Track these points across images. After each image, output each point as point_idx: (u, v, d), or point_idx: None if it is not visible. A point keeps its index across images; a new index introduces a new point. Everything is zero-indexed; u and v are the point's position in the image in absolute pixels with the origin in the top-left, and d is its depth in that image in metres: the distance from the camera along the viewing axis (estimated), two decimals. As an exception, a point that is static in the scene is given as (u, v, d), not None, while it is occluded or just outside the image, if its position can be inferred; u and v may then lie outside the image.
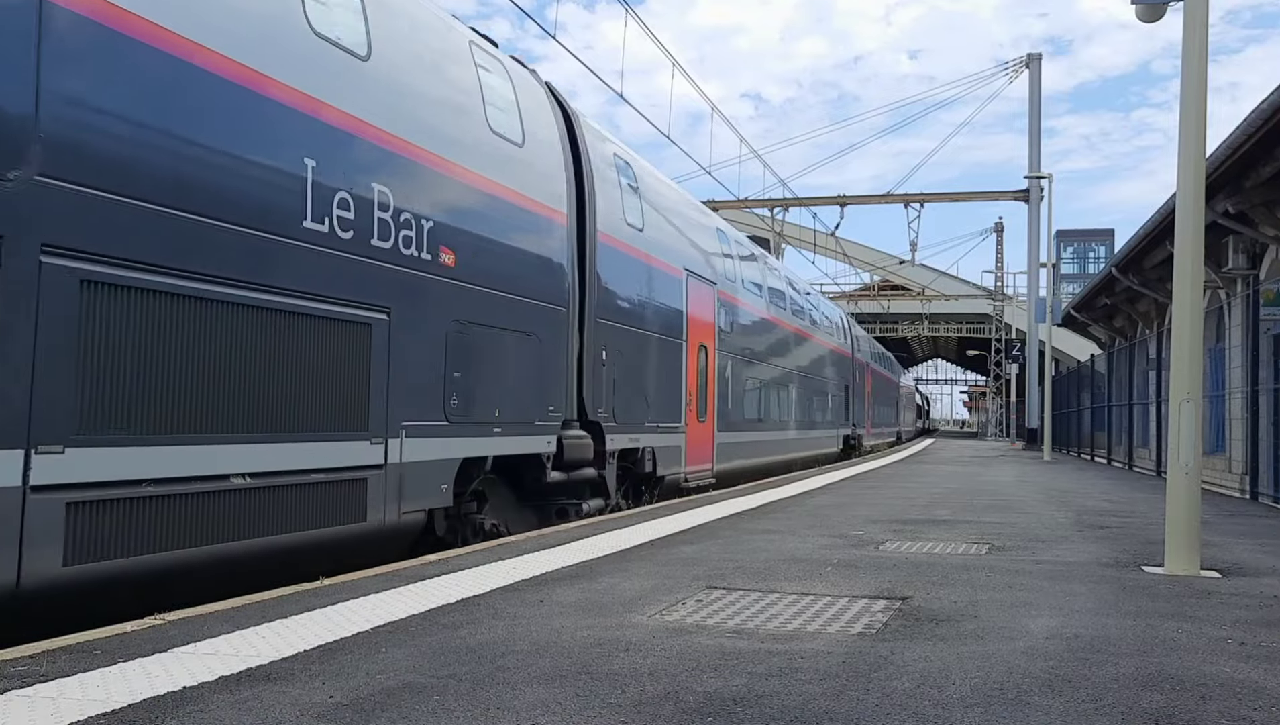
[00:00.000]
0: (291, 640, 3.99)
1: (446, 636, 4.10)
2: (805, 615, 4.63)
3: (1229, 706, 3.24)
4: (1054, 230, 34.84)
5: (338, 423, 6.17)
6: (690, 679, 3.48)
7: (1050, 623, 4.52)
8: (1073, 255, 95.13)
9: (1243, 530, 8.72)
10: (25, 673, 3.46)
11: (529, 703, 3.17)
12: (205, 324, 5.18)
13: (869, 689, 3.37)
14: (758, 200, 37.97)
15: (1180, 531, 6.13)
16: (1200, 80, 6.21)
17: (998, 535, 7.94)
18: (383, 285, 6.56)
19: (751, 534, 7.79)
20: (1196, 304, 6.19)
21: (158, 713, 3.03)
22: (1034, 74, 39.43)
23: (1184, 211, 6.30)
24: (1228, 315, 17.25)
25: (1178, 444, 6.18)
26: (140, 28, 4.89)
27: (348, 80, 6.38)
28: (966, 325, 54.57)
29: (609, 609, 4.72)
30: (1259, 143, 12.83)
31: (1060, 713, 3.13)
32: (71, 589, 4.48)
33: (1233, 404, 16.10)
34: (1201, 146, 6.26)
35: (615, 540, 7.27)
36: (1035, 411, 38.65)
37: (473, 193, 7.77)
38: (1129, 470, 20.06)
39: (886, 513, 9.73)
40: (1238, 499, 12.73)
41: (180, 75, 5.09)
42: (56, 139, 4.42)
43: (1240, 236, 16.12)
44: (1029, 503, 11.22)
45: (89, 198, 4.57)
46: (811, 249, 41.69)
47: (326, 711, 3.07)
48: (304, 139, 5.92)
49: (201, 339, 5.15)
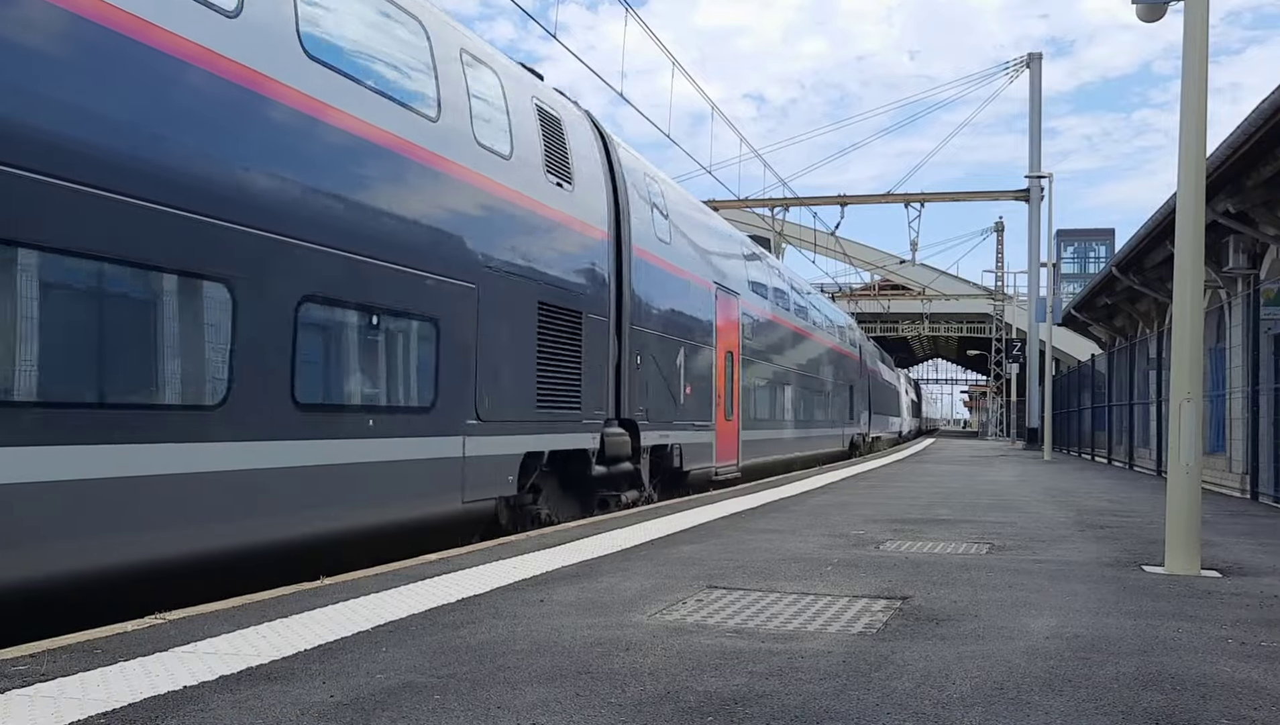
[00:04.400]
0: (292, 640, 3.99)
1: (447, 636, 4.10)
2: (805, 615, 4.63)
3: (1229, 706, 3.24)
4: (1054, 230, 34.87)
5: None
6: (690, 678, 3.48)
7: (1051, 622, 4.52)
8: (1073, 255, 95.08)
9: (1243, 530, 8.72)
10: (26, 672, 3.46)
11: (529, 702, 3.17)
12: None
13: (869, 688, 3.37)
14: (758, 200, 37.95)
15: (1180, 531, 6.13)
16: (1201, 81, 6.21)
17: (998, 535, 7.94)
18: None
19: (752, 533, 7.79)
20: (1197, 304, 6.19)
21: (158, 712, 3.03)
22: (1034, 73, 39.45)
23: (1184, 211, 6.30)
24: (1228, 315, 17.24)
25: (1178, 444, 6.18)
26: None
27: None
28: (967, 325, 54.55)
29: (609, 608, 4.72)
30: (1259, 142, 12.83)
31: (1061, 712, 3.13)
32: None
33: (1233, 404, 16.09)
34: (1202, 146, 6.26)
35: (615, 540, 7.27)
36: (1035, 411, 38.64)
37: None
38: (1129, 470, 20.05)
39: (887, 512, 9.73)
40: (1238, 499, 12.72)
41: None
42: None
43: (1241, 236, 16.11)
44: (1029, 502, 11.22)
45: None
46: (812, 248, 41.67)
47: (327, 711, 3.07)
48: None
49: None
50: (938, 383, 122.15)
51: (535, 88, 9.51)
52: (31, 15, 4.50)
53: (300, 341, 5.94)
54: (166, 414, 5.07)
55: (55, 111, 4.56)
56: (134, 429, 4.89)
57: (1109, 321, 30.01)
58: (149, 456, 4.98)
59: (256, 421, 5.62)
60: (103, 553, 4.73)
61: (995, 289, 51.70)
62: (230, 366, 5.43)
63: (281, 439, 5.80)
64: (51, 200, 4.51)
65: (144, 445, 4.95)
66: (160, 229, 5.06)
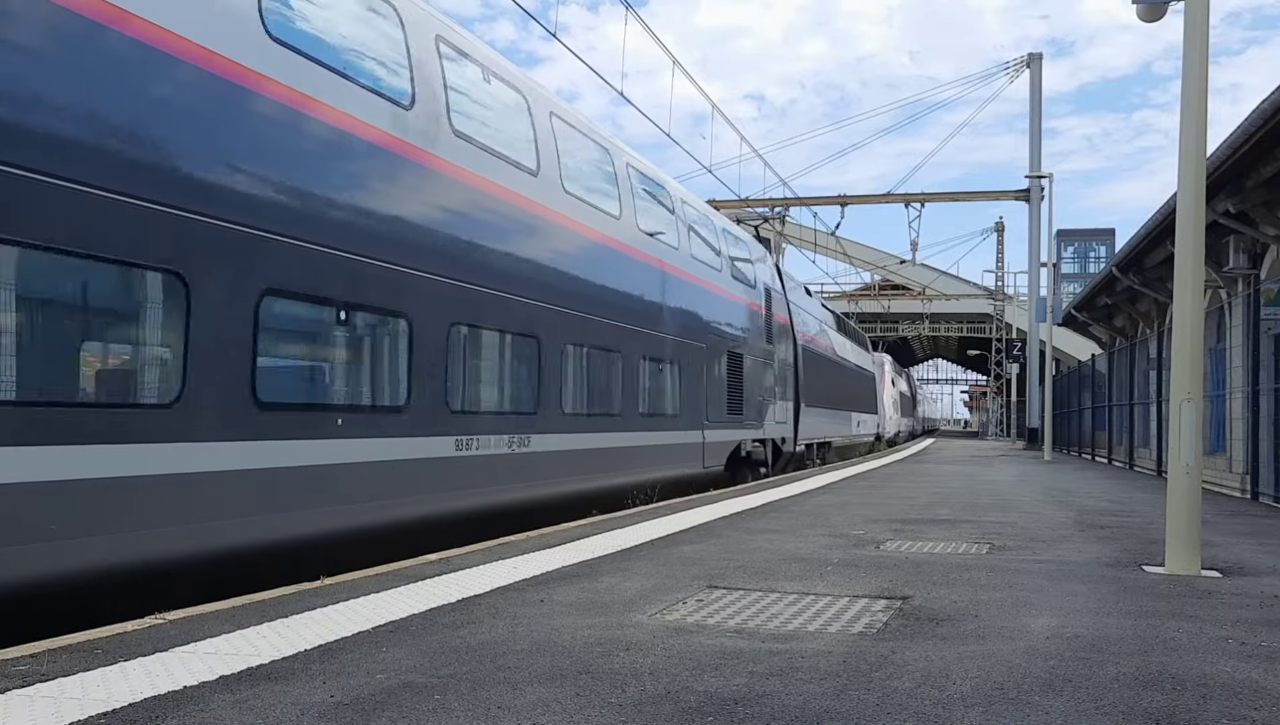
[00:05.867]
0: (292, 640, 3.99)
1: (447, 636, 4.10)
2: (806, 615, 4.63)
3: (1229, 706, 3.24)
4: (1055, 230, 34.86)
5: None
6: (691, 678, 3.48)
7: (1051, 622, 4.52)
8: (1073, 255, 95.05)
9: (1243, 530, 8.72)
10: (26, 672, 3.46)
11: (529, 702, 3.17)
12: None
13: (869, 688, 3.37)
14: (759, 200, 37.95)
15: (1181, 531, 6.13)
16: (1201, 81, 6.21)
17: (998, 535, 7.94)
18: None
19: (752, 533, 7.79)
20: (1197, 304, 6.19)
21: (158, 712, 3.03)
22: (1034, 73, 39.48)
23: (1185, 211, 6.29)
24: (1228, 315, 17.24)
25: (1178, 444, 6.18)
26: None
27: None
28: (967, 325, 54.53)
29: (609, 608, 4.71)
30: (1259, 142, 12.82)
31: (1061, 712, 3.13)
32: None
33: (1233, 404, 16.09)
34: (1202, 146, 6.26)
35: (615, 540, 7.27)
36: (1036, 411, 38.63)
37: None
38: (1130, 470, 20.05)
39: (887, 512, 9.73)
40: (1238, 499, 12.71)
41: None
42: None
43: (1241, 236, 16.10)
44: (1029, 502, 11.22)
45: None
46: (812, 248, 41.66)
47: (327, 711, 3.07)
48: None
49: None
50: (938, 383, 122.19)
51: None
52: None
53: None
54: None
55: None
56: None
57: (1109, 321, 30.01)
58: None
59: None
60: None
61: (995, 289, 51.69)
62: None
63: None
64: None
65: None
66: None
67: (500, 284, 8.41)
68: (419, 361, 7.21)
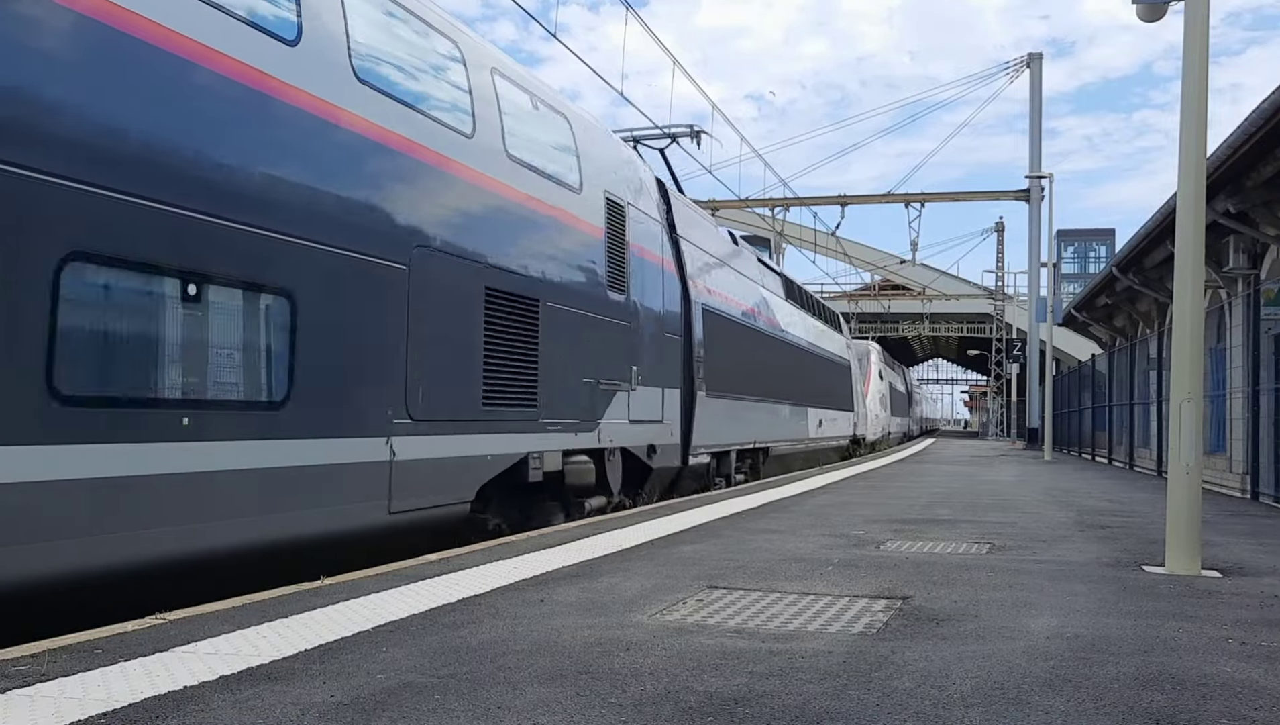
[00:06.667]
0: (292, 640, 3.99)
1: (447, 636, 4.10)
2: (806, 615, 4.63)
3: (1230, 706, 3.24)
4: (1055, 230, 34.85)
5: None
6: (691, 678, 3.48)
7: (1051, 622, 4.52)
8: (1073, 255, 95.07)
9: (1243, 530, 8.72)
10: (26, 672, 3.46)
11: (529, 702, 3.17)
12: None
13: (869, 688, 3.37)
14: (759, 200, 37.97)
15: (1181, 531, 6.13)
16: (1201, 81, 6.21)
17: (998, 535, 7.94)
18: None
19: (752, 533, 7.79)
20: (1197, 304, 6.19)
21: (159, 712, 3.03)
22: (1034, 73, 39.52)
23: (1184, 211, 6.29)
24: (1228, 315, 17.24)
25: (1178, 444, 6.18)
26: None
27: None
28: (967, 325, 54.55)
29: (609, 608, 4.72)
30: (1259, 142, 12.82)
31: (1061, 712, 3.13)
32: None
33: (1233, 404, 16.08)
34: (1202, 146, 6.26)
35: (615, 540, 7.27)
36: (1036, 411, 38.64)
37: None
38: (1130, 470, 20.05)
39: (887, 512, 9.73)
40: (1238, 499, 12.72)
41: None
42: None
43: (1241, 236, 16.11)
44: (1030, 502, 11.22)
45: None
46: (812, 248, 41.68)
47: (327, 711, 3.07)
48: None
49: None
50: (938, 383, 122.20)
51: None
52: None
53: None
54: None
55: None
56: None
57: (1109, 321, 30.00)
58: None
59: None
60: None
61: (995, 289, 51.70)
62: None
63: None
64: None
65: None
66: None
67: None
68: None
